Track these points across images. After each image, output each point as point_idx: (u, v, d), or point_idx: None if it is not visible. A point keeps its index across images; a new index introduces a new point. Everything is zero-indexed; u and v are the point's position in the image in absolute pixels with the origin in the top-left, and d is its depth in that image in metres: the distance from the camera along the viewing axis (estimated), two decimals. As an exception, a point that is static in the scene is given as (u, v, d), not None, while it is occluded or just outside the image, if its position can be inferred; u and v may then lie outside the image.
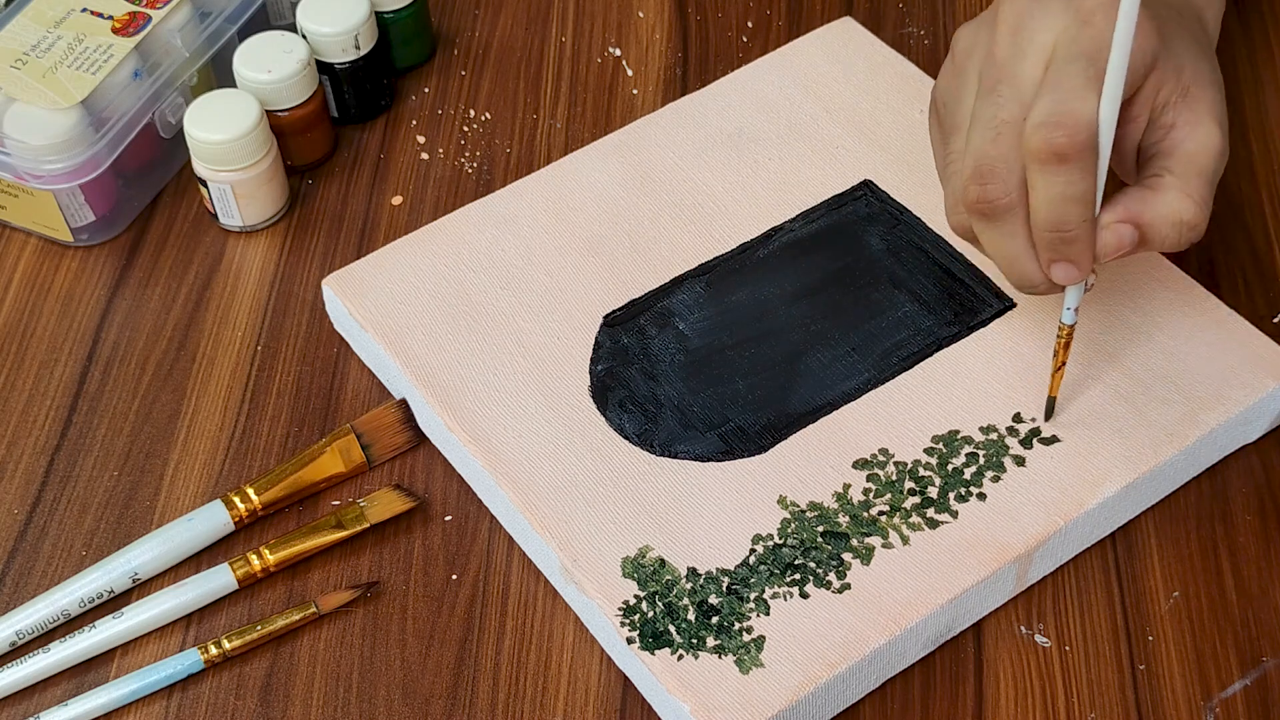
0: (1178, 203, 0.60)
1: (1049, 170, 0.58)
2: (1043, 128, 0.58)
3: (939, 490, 0.64)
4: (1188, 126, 0.61)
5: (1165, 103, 0.61)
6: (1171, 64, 0.61)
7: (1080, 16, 0.60)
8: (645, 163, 0.76)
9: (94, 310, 0.76)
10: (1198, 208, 0.60)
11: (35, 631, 0.64)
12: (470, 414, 0.67)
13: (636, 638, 0.61)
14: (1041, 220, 0.60)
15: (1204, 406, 0.66)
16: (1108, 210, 0.60)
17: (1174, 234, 0.61)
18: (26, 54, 0.77)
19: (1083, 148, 0.58)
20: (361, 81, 0.81)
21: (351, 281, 0.72)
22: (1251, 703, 0.62)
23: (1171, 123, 0.61)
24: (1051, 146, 0.58)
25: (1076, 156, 0.58)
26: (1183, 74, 0.61)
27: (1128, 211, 0.60)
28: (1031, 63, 0.60)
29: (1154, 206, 0.60)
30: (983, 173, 0.60)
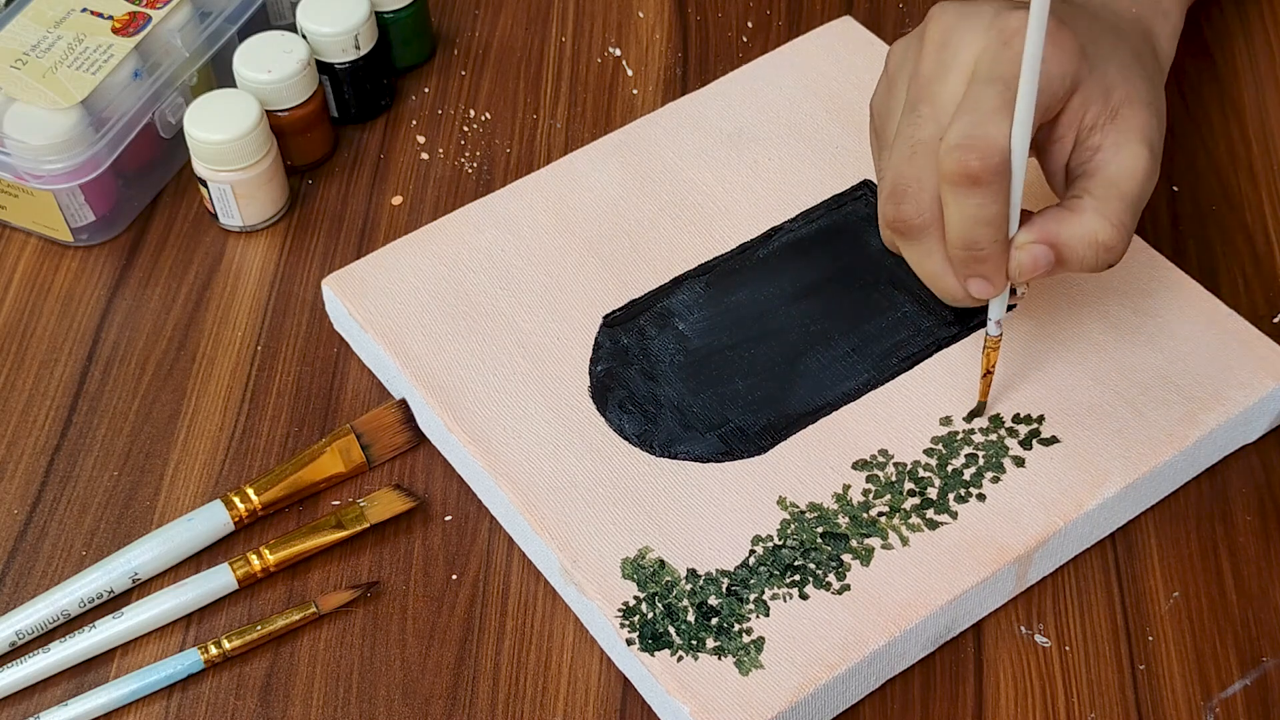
0: (1094, 224, 0.60)
1: (961, 192, 0.59)
2: (956, 150, 0.58)
3: (939, 491, 0.64)
4: (1113, 149, 0.61)
5: (1092, 124, 0.61)
6: (1099, 85, 0.61)
7: (1002, 37, 0.60)
8: (645, 163, 0.76)
9: (94, 310, 0.76)
10: (1114, 230, 0.60)
11: (35, 631, 0.64)
12: (470, 414, 0.67)
13: (636, 639, 0.61)
14: (954, 239, 0.60)
15: (1204, 407, 0.66)
16: (1024, 230, 0.60)
17: (1090, 255, 0.61)
18: (26, 54, 0.77)
19: (994, 171, 0.58)
20: (361, 81, 0.81)
21: (351, 281, 0.72)
22: (1251, 703, 0.62)
23: (1098, 145, 0.61)
24: (964, 169, 0.58)
25: (989, 180, 0.58)
26: (1111, 95, 0.61)
27: (1044, 232, 0.60)
28: (952, 82, 0.60)
29: (1070, 227, 0.60)
30: (898, 192, 0.61)
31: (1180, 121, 0.80)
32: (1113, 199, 0.60)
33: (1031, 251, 0.60)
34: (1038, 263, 0.60)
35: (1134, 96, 0.62)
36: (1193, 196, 0.77)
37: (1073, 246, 0.60)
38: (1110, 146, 0.61)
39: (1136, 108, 0.62)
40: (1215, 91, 0.81)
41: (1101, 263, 0.61)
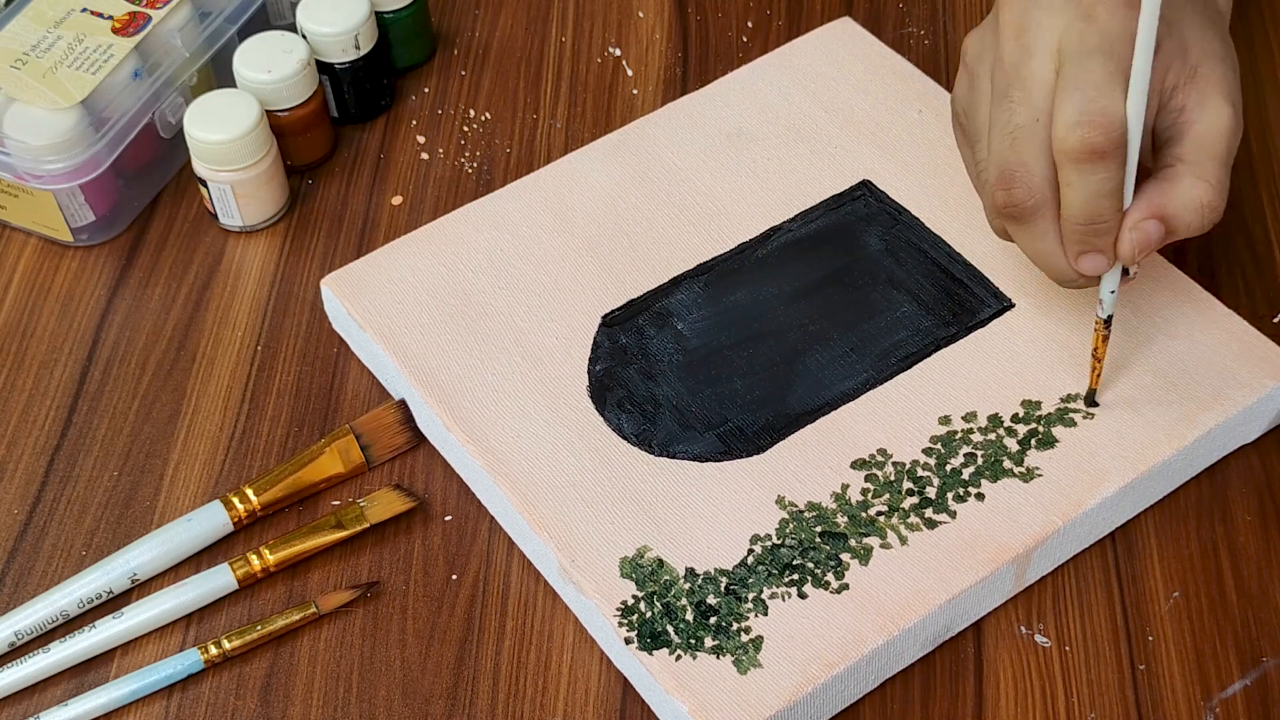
0: (1194, 189, 0.61)
1: (1085, 168, 0.59)
2: (1077, 127, 0.58)
3: (937, 490, 0.64)
4: (1198, 108, 0.61)
5: (1174, 85, 0.62)
6: (1176, 45, 0.61)
7: (1081, 11, 0.60)
8: (644, 163, 0.76)
9: (94, 310, 0.76)
10: (1214, 190, 0.61)
11: (34, 632, 0.64)
12: (469, 414, 0.67)
13: (635, 638, 0.61)
14: (1076, 215, 0.60)
15: (1203, 407, 0.66)
16: (1132, 209, 0.61)
17: (1197, 219, 0.61)
18: (26, 54, 0.77)
19: (1117, 143, 0.59)
20: (361, 81, 0.81)
21: (350, 281, 0.72)
22: (1251, 703, 0.62)
23: (1181, 105, 0.62)
24: (1088, 145, 0.58)
25: (1113, 153, 0.59)
26: (1189, 54, 0.62)
27: (1150, 206, 0.61)
28: (1039, 63, 0.61)
29: (1174, 197, 0.61)
30: (1006, 177, 0.61)
31: (1180, 121, 0.80)
32: (1205, 160, 0.61)
33: (1144, 229, 0.61)
34: (1150, 238, 0.61)
35: (1210, 53, 0.62)
36: (1192, 196, 0.77)
37: (1180, 215, 0.61)
38: (1194, 106, 0.61)
39: (1214, 64, 0.62)
40: (1215, 91, 0.81)
41: (1208, 223, 0.61)
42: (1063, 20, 0.60)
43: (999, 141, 0.62)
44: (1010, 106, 0.61)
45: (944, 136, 0.76)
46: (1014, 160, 0.61)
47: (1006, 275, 0.71)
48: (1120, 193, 0.60)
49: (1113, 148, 0.59)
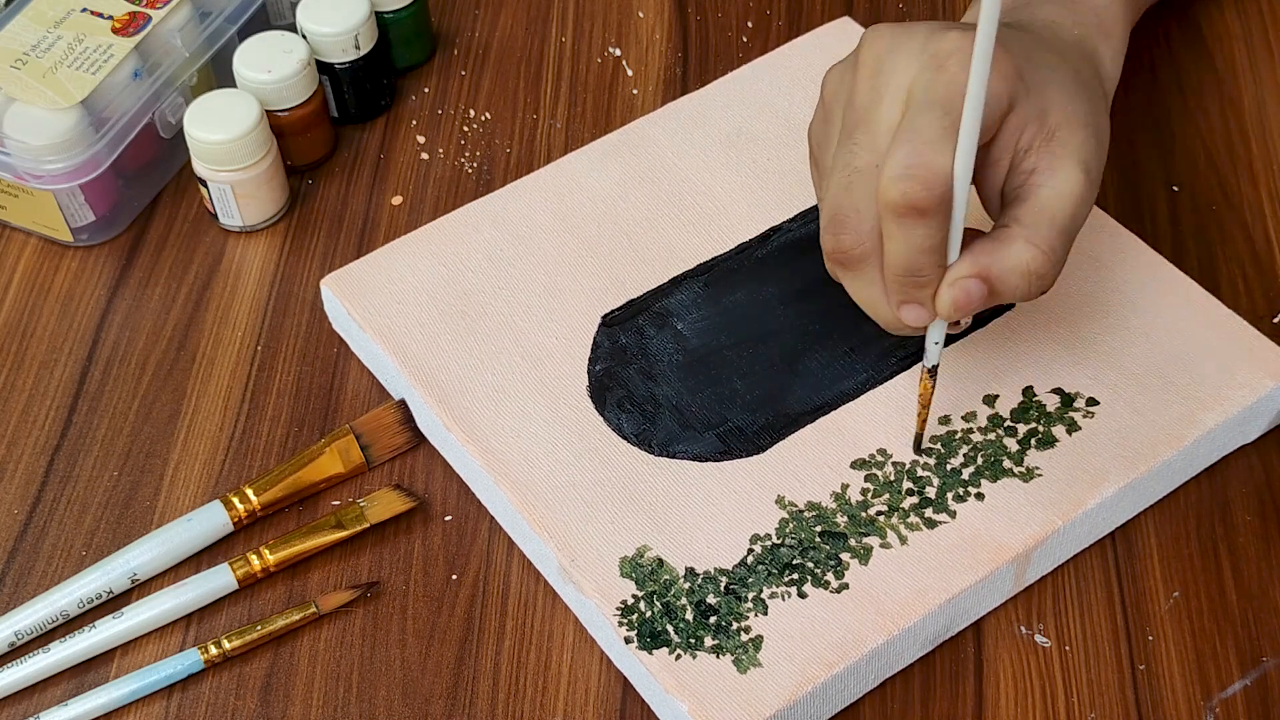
0: (1024, 253, 0.59)
1: (905, 222, 0.57)
2: (899, 181, 0.57)
3: (937, 490, 0.64)
4: (1048, 171, 0.60)
5: (1028, 146, 0.60)
6: (1035, 107, 0.60)
7: (936, 61, 0.58)
8: (644, 163, 0.76)
9: (94, 310, 0.76)
10: (1045, 257, 0.59)
11: (34, 632, 0.64)
12: (468, 414, 0.67)
13: (634, 637, 0.61)
14: (895, 266, 0.59)
15: (1203, 407, 0.66)
16: (957, 265, 0.59)
17: (1023, 284, 0.59)
18: (26, 54, 0.77)
19: (939, 201, 0.57)
20: (361, 81, 0.81)
21: (350, 282, 0.72)
22: (1251, 703, 0.62)
23: (1033, 167, 0.60)
24: (908, 200, 0.57)
25: (934, 209, 0.57)
26: (1049, 117, 0.60)
27: (974, 265, 0.59)
28: (887, 109, 0.59)
29: (1001, 259, 0.59)
30: (836, 222, 0.60)
31: (1180, 121, 0.80)
32: (1043, 225, 0.59)
33: (963, 286, 0.59)
34: (971, 297, 0.59)
35: (1072, 118, 0.60)
36: (1193, 196, 0.77)
37: (1004, 278, 0.59)
38: (1045, 169, 0.60)
39: (1074, 129, 0.60)
40: (1215, 91, 0.81)
41: (1034, 290, 0.60)
42: (916, 66, 0.58)
43: (836, 183, 0.60)
44: (852, 149, 0.59)
45: (944, 136, 0.76)
46: (847, 205, 0.59)
47: (1006, 275, 0.71)
48: (941, 249, 0.58)
49: (934, 205, 0.57)
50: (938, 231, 0.58)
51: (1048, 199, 0.59)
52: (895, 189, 0.57)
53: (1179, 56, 0.83)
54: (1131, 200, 0.77)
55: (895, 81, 0.59)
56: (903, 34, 0.60)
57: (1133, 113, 0.81)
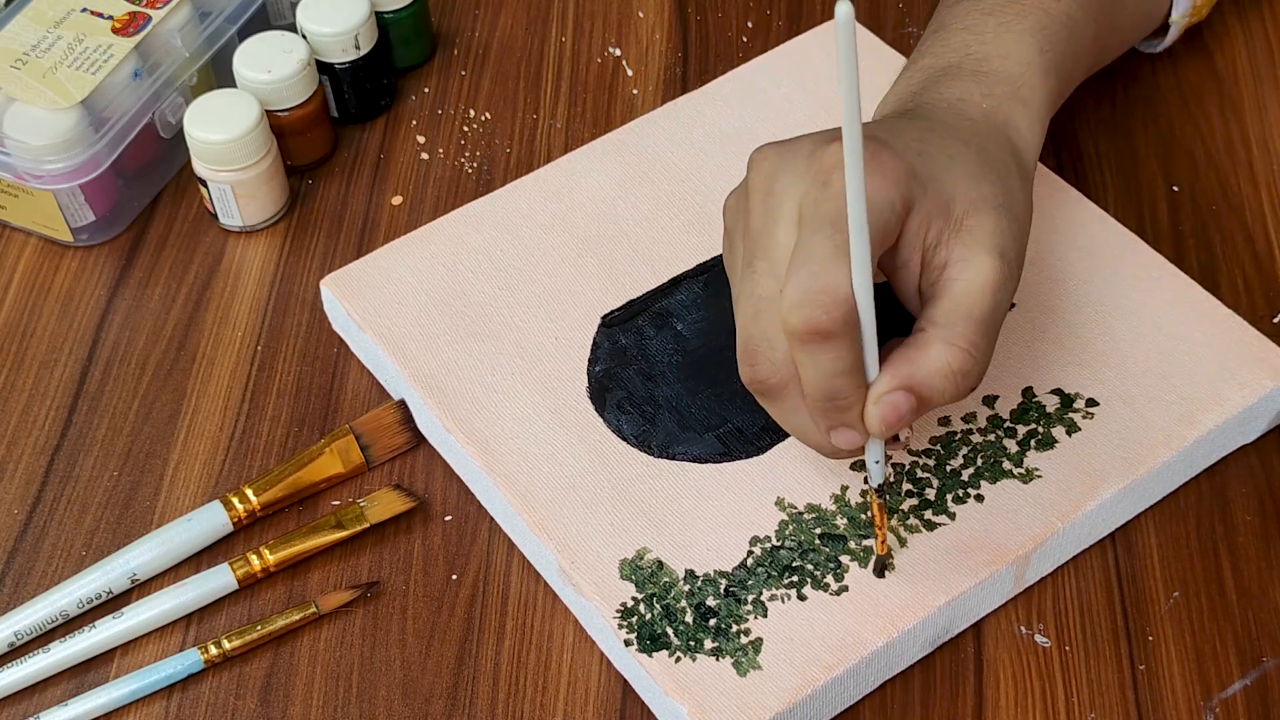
0: (943, 355, 0.57)
1: (813, 349, 0.55)
2: (800, 307, 0.55)
3: (936, 492, 0.64)
4: (960, 263, 0.58)
5: (936, 241, 0.58)
6: (936, 201, 0.58)
7: (820, 177, 0.56)
8: (644, 162, 0.76)
9: (94, 310, 0.76)
10: (963, 355, 0.57)
11: (34, 632, 0.65)
12: (468, 414, 0.67)
13: (634, 640, 0.61)
14: (813, 393, 0.57)
15: (1202, 407, 0.66)
16: (878, 380, 0.57)
17: (949, 386, 0.57)
18: (26, 54, 0.77)
19: (843, 321, 0.55)
20: (361, 81, 0.81)
21: (349, 282, 0.72)
22: (1251, 703, 0.62)
23: (944, 261, 0.58)
24: (810, 326, 0.55)
25: (839, 331, 0.55)
26: (953, 207, 0.58)
27: (896, 377, 0.57)
28: (782, 231, 0.57)
29: (920, 365, 0.57)
30: (749, 353, 0.58)
31: (1180, 121, 0.80)
32: (958, 322, 0.57)
33: (889, 402, 0.57)
34: (899, 411, 0.57)
35: (979, 203, 0.59)
36: (1193, 196, 0.77)
37: (928, 383, 0.57)
38: (957, 262, 0.58)
39: (983, 215, 0.58)
40: (1215, 91, 0.81)
41: (963, 389, 0.57)
42: (803, 184, 0.57)
43: (744, 314, 0.58)
44: (754, 278, 0.58)
45: (944, 136, 0.76)
46: (757, 335, 0.57)
47: (1006, 276, 0.71)
48: (856, 369, 0.56)
49: (838, 327, 0.55)
50: (848, 352, 0.56)
51: (962, 293, 0.57)
52: (795, 316, 0.55)
53: (1179, 57, 0.83)
54: (1131, 200, 0.77)
55: (786, 204, 0.57)
56: (788, 152, 0.58)
57: (1133, 113, 0.81)
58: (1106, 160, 0.79)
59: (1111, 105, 0.81)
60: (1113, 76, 0.81)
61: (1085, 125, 0.80)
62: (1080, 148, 0.79)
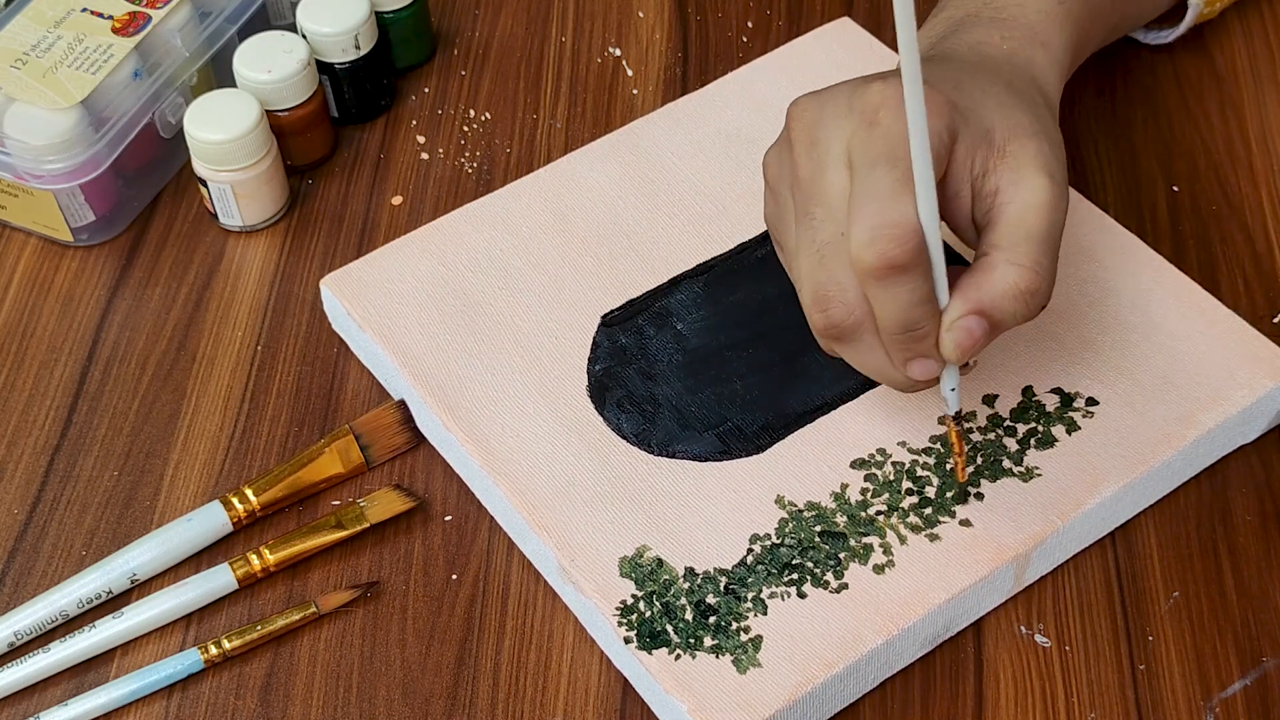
0: (1009, 276, 0.58)
1: (888, 282, 0.56)
2: (872, 244, 0.56)
3: (937, 490, 0.64)
4: (1011, 187, 0.59)
5: (983, 170, 0.59)
6: (978, 130, 0.59)
7: (865, 118, 0.57)
8: (644, 163, 0.76)
9: (94, 310, 0.76)
10: (1031, 273, 0.58)
11: (33, 632, 0.64)
12: (468, 413, 0.67)
13: (634, 637, 0.61)
14: (890, 327, 0.58)
15: (1202, 407, 0.66)
16: (950, 307, 0.58)
17: (1019, 306, 0.58)
18: (26, 54, 0.77)
19: (915, 253, 0.56)
20: (361, 81, 0.81)
21: (349, 281, 0.72)
22: (1251, 703, 0.62)
23: (995, 187, 0.59)
24: (885, 260, 0.56)
25: (913, 262, 0.56)
26: (994, 135, 0.59)
27: (966, 303, 0.58)
28: (833, 177, 0.58)
29: (989, 289, 0.58)
30: (821, 299, 0.59)
31: (1180, 121, 0.80)
32: (1020, 243, 0.58)
33: (963, 326, 0.58)
34: (973, 335, 0.58)
35: (1018, 129, 0.60)
36: (1192, 196, 0.77)
37: (999, 305, 0.58)
38: (1008, 186, 0.59)
39: (1024, 139, 0.59)
40: (1215, 91, 0.81)
41: (1033, 309, 0.59)
42: (849, 128, 0.58)
43: (807, 262, 0.59)
44: (813, 224, 0.58)
45: (944, 136, 0.76)
46: (826, 280, 0.58)
47: (1006, 275, 0.71)
48: (930, 298, 0.57)
49: (911, 258, 0.56)
50: (923, 282, 0.57)
51: (1019, 215, 0.58)
52: (869, 253, 0.56)
53: (1179, 56, 0.83)
54: (1131, 200, 0.77)
55: (833, 149, 0.58)
56: (827, 100, 0.59)
57: (1133, 113, 0.81)
58: (1106, 160, 0.79)
59: (1111, 105, 0.81)
60: (1112, 76, 0.81)
61: (1085, 125, 0.80)
62: (1080, 148, 0.79)
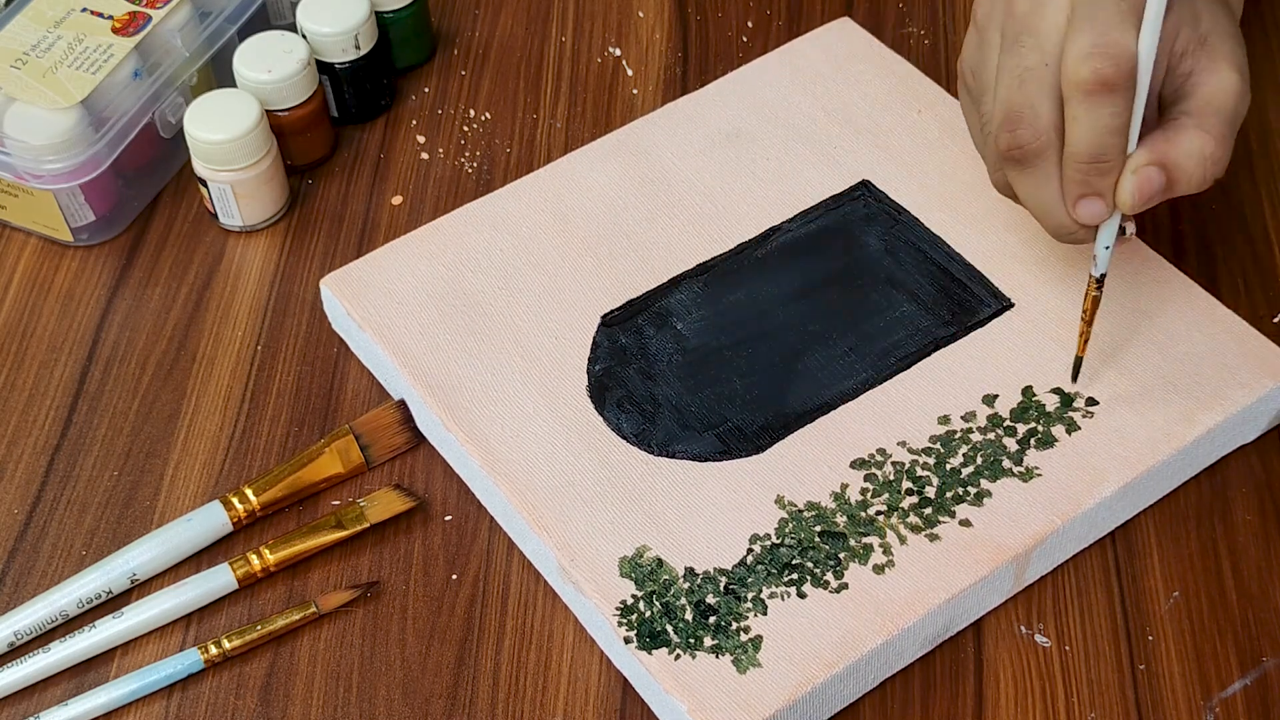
0: (1199, 139, 0.61)
1: (1094, 101, 0.59)
2: (1089, 59, 0.58)
3: (936, 490, 0.64)
4: (1206, 73, 0.61)
5: (1183, 50, 0.62)
6: (1189, 10, 0.61)
7: None
8: (644, 163, 0.76)
9: (94, 310, 0.76)
10: (1217, 142, 0.61)
11: (33, 632, 0.64)
12: (468, 413, 0.67)
13: (634, 637, 0.61)
14: (1080, 151, 0.60)
15: (1202, 407, 0.66)
16: (1137, 153, 0.61)
17: (1199, 170, 0.61)
18: (26, 54, 0.77)
19: (1127, 76, 0.58)
20: (361, 81, 0.81)
21: (349, 281, 0.72)
22: (1251, 703, 0.62)
23: (1189, 70, 0.62)
24: (1098, 76, 0.58)
25: (1124, 85, 0.59)
26: (1200, 22, 0.62)
27: (1153, 153, 0.60)
28: (1052, 10, 0.61)
29: (1176, 145, 0.61)
30: (1013, 118, 0.61)
31: (1180, 121, 0.80)
32: (1210, 114, 0.61)
33: (1145, 174, 0.60)
34: (1152, 184, 0.60)
35: (1220, 27, 0.62)
36: (1193, 196, 0.77)
37: (1181, 164, 0.60)
38: (1202, 70, 0.61)
39: (1223, 37, 0.62)
40: (1215, 91, 0.81)
41: (1210, 177, 0.61)
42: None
43: (1006, 85, 0.61)
44: (1020, 51, 0.61)
45: (943, 137, 0.76)
46: (1021, 101, 0.61)
47: (1006, 275, 0.71)
48: (1126, 131, 0.60)
49: (1123, 81, 0.58)
50: (1125, 110, 0.59)
51: (1211, 93, 0.61)
52: (1085, 67, 0.58)
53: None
54: (1131, 200, 0.77)
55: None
56: None
57: (1133, 112, 0.81)
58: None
59: (1111, 105, 0.81)
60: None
61: (1085, 125, 0.80)
62: (1080, 148, 0.79)
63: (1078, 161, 0.61)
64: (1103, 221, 0.62)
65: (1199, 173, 0.61)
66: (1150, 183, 0.61)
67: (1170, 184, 0.61)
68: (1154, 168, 0.60)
